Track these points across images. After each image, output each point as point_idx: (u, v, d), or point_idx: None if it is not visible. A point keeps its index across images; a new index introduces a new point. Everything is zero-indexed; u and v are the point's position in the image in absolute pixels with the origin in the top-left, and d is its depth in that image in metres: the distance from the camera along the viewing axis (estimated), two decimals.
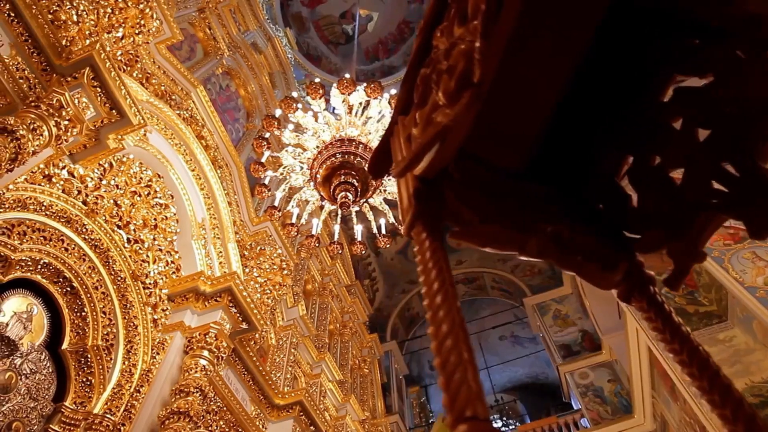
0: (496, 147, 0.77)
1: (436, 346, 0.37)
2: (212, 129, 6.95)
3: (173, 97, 6.37)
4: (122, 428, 4.06)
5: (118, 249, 4.81)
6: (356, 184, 4.00)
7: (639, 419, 8.93)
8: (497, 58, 0.41)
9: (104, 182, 4.82)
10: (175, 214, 5.59)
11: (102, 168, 4.87)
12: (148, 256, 5.12)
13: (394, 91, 4.25)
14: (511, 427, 14.69)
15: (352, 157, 4.09)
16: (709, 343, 5.50)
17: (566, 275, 12.17)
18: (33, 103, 3.83)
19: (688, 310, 5.92)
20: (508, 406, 15.56)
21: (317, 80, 4.30)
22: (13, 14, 4.02)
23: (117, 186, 4.96)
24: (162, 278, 5.19)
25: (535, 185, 0.72)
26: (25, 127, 3.56)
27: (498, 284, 14.61)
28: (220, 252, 5.90)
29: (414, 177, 0.56)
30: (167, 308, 5.10)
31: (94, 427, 3.98)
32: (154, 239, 5.27)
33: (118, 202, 4.93)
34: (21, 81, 4.02)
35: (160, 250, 5.29)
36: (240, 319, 5.25)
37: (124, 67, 5.39)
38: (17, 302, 4.09)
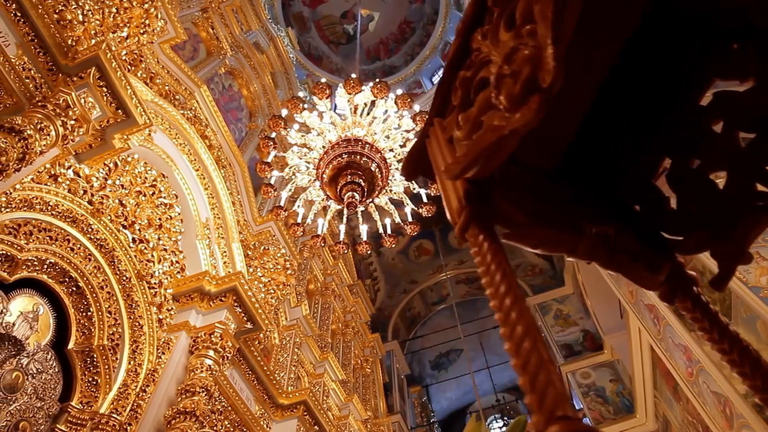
0: (532, 148, 0.77)
1: (513, 348, 0.37)
2: (215, 129, 6.95)
3: (177, 96, 6.37)
4: (129, 428, 4.06)
5: (124, 249, 4.81)
6: (363, 184, 4.01)
7: (641, 419, 8.95)
8: (564, 63, 0.41)
9: (109, 182, 4.82)
10: (179, 214, 5.59)
11: (107, 168, 4.86)
12: (153, 255, 5.12)
13: (400, 91, 4.26)
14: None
15: (358, 157, 4.10)
16: None
17: (567, 275, 12.20)
18: (40, 103, 3.82)
19: None
20: (510, 406, 15.58)
21: (323, 80, 4.31)
22: (19, 14, 4.02)
23: (122, 186, 4.96)
24: (167, 278, 5.19)
25: (570, 186, 0.73)
26: (32, 126, 3.56)
27: None
28: (224, 252, 5.91)
29: (463, 179, 0.56)
30: (172, 308, 5.10)
31: (100, 426, 3.98)
32: (159, 239, 5.27)
33: (123, 202, 4.93)
34: (27, 81, 4.02)
35: (165, 249, 5.29)
36: (245, 318, 5.25)
37: (129, 67, 5.39)
38: (23, 302, 4.09)
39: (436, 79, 15.17)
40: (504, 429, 15.23)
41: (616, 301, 10.21)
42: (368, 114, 4.39)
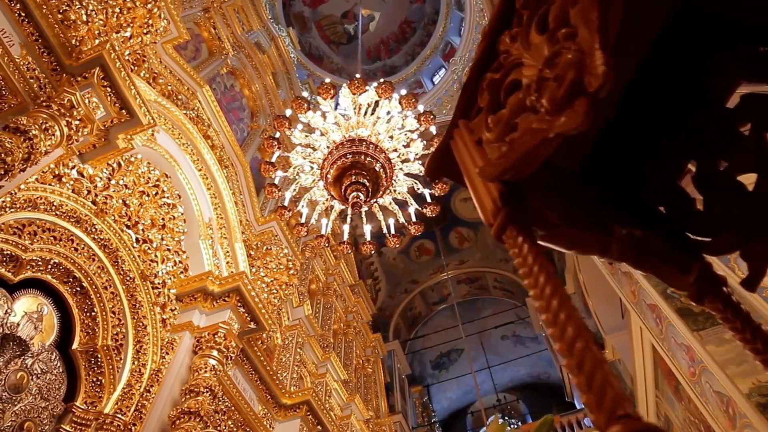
0: (560, 150, 0.78)
1: (565, 349, 0.38)
2: (218, 129, 6.95)
3: (179, 96, 6.36)
4: (133, 428, 4.06)
5: (127, 249, 4.81)
6: (367, 184, 4.01)
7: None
8: (613, 68, 0.42)
9: (113, 182, 4.82)
10: (182, 214, 5.59)
11: (110, 168, 4.86)
12: (156, 255, 5.11)
13: (404, 92, 4.26)
14: (513, 427, 14.71)
15: (362, 157, 4.10)
16: (716, 342, 5.53)
17: (568, 275, 12.20)
18: (44, 103, 3.82)
19: (693, 309, 5.95)
20: (510, 406, 15.59)
21: (327, 80, 4.31)
22: (23, 14, 4.01)
23: (126, 186, 4.96)
24: (170, 278, 5.19)
25: (595, 187, 0.73)
26: (37, 126, 3.56)
27: (500, 284, 14.64)
28: (227, 252, 5.91)
29: (498, 181, 0.57)
30: (175, 308, 5.10)
31: (105, 427, 3.98)
32: (162, 239, 5.27)
33: (127, 202, 4.93)
34: (32, 80, 4.02)
35: (168, 249, 5.29)
36: (248, 318, 5.25)
37: (132, 67, 5.39)
38: (28, 302, 4.09)
39: (437, 79, 15.17)
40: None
41: (617, 301, 10.22)
42: (372, 114, 4.39)
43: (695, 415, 6.94)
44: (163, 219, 5.31)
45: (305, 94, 12.58)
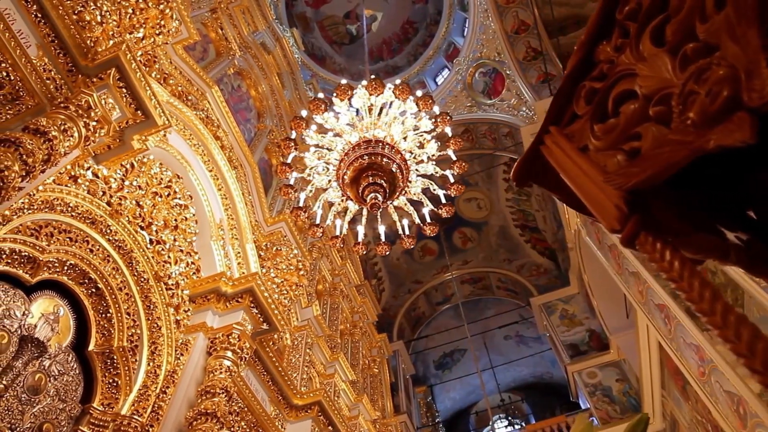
0: None
1: (745, 350, 0.39)
2: (227, 129, 6.95)
3: (189, 97, 6.36)
4: (150, 429, 4.06)
5: (141, 250, 4.81)
6: (384, 185, 4.02)
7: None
8: None
9: (126, 183, 4.82)
10: (194, 215, 5.59)
11: (124, 169, 4.86)
12: (169, 257, 5.11)
13: (420, 93, 4.26)
14: (517, 427, 14.75)
15: (379, 158, 4.11)
16: None
17: (573, 275, 12.25)
18: (62, 104, 3.82)
19: None
20: (514, 406, 15.62)
21: (343, 81, 4.31)
22: (40, 15, 4.01)
23: (139, 187, 4.95)
24: (183, 279, 5.19)
25: (694, 191, 0.74)
26: (56, 128, 3.56)
27: (504, 284, 14.67)
28: (239, 253, 5.91)
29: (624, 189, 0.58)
30: (189, 309, 5.10)
31: (122, 428, 3.98)
32: (175, 240, 5.27)
33: (141, 203, 4.93)
34: (48, 82, 4.01)
35: (181, 250, 5.29)
36: (261, 319, 5.26)
37: (144, 68, 5.38)
38: (44, 304, 4.09)
39: (440, 80, 15.18)
40: (508, 428, 15.27)
41: (622, 301, 10.26)
42: (386, 115, 4.39)
43: (703, 414, 6.97)
44: (175, 220, 5.31)
45: (309, 94, 12.57)
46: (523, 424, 14.66)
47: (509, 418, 15.08)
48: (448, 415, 16.90)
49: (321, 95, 4.16)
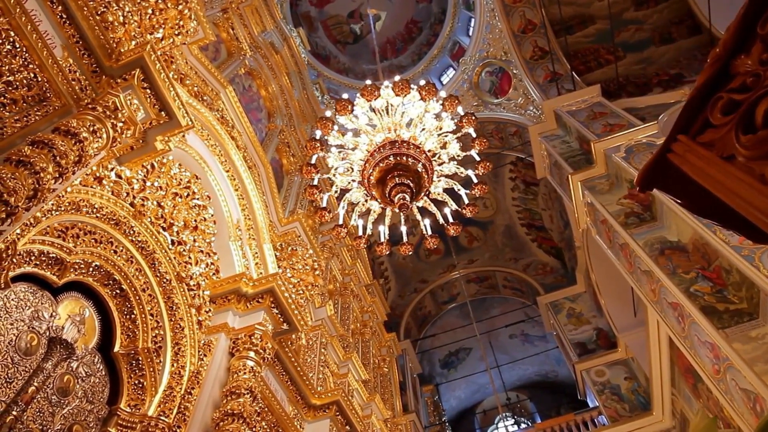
0: None
1: None
2: (241, 130, 6.95)
3: (204, 97, 6.35)
4: (178, 431, 4.06)
5: (164, 251, 4.80)
6: (411, 185, 4.03)
7: (657, 416, 9.04)
8: None
9: (148, 184, 4.81)
10: (212, 216, 5.58)
11: (145, 170, 4.85)
12: (190, 257, 5.11)
13: (444, 94, 4.27)
14: (522, 426, 14.79)
15: (404, 158, 4.11)
16: (742, 340, 5.59)
17: (579, 274, 12.28)
18: (89, 105, 3.81)
19: (718, 308, 6.02)
20: (520, 405, 15.67)
21: (368, 82, 4.30)
22: (65, 15, 3.99)
23: (160, 188, 4.95)
24: (204, 280, 5.18)
25: None
26: (86, 129, 3.55)
27: (510, 283, 14.70)
28: (256, 253, 5.91)
29: None
30: (210, 310, 5.10)
31: (150, 429, 3.98)
32: (195, 241, 5.26)
33: (162, 204, 4.92)
34: (74, 83, 4.00)
35: (201, 251, 5.29)
36: (281, 320, 5.26)
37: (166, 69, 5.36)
38: (70, 305, 4.08)
39: (444, 79, 15.17)
40: (512, 428, 15.31)
41: (630, 300, 10.30)
42: (401, 115, 4.40)
43: (714, 412, 7.01)
44: (195, 221, 5.30)
45: (316, 94, 12.56)
46: (529, 423, 14.70)
47: (515, 416, 15.12)
48: (454, 414, 16.94)
49: (346, 95, 4.16)
